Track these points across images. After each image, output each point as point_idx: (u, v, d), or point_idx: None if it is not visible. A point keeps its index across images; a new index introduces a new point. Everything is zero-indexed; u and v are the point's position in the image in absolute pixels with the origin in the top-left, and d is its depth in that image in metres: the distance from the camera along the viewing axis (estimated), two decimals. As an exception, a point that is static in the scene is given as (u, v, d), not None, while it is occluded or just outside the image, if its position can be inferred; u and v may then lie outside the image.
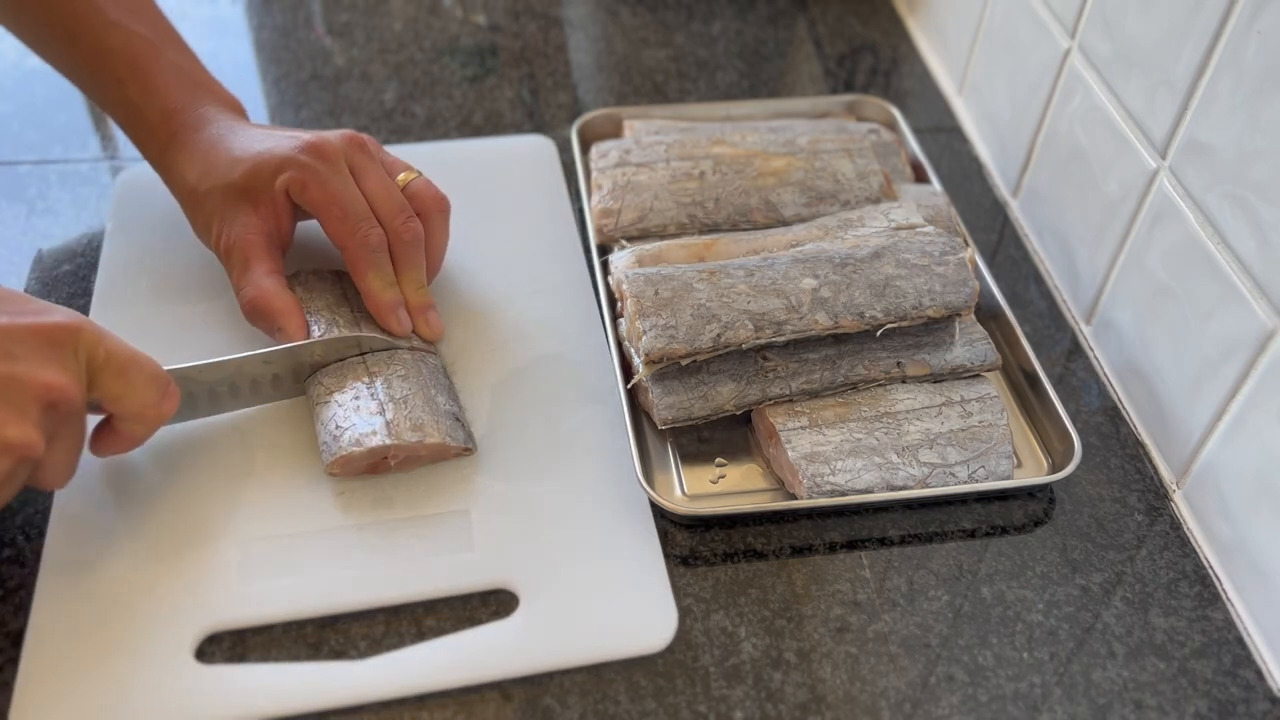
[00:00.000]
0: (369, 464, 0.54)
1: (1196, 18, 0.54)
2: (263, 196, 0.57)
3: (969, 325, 0.61)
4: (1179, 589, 0.54)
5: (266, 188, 0.56)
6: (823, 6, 0.93)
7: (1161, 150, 0.58)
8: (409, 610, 0.51)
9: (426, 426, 0.54)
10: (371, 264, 0.57)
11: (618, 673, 0.49)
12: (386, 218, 0.57)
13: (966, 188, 0.77)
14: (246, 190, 0.57)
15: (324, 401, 0.55)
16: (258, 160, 0.56)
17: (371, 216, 0.57)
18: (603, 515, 0.55)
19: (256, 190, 0.57)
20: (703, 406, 0.56)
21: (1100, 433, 0.61)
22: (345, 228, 0.56)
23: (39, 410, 0.43)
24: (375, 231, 0.57)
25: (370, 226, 0.57)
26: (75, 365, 0.45)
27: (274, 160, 0.56)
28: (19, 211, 0.69)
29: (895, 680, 0.50)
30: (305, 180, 0.56)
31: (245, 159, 0.57)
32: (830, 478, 0.54)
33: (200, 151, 0.58)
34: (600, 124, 0.75)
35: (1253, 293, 0.52)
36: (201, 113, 0.60)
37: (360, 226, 0.56)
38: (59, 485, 0.48)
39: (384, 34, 0.86)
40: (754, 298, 0.56)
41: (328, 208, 0.56)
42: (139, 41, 0.59)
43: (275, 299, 0.56)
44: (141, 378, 0.48)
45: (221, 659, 0.49)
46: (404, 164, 0.61)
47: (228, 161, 0.57)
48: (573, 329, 0.64)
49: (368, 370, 0.56)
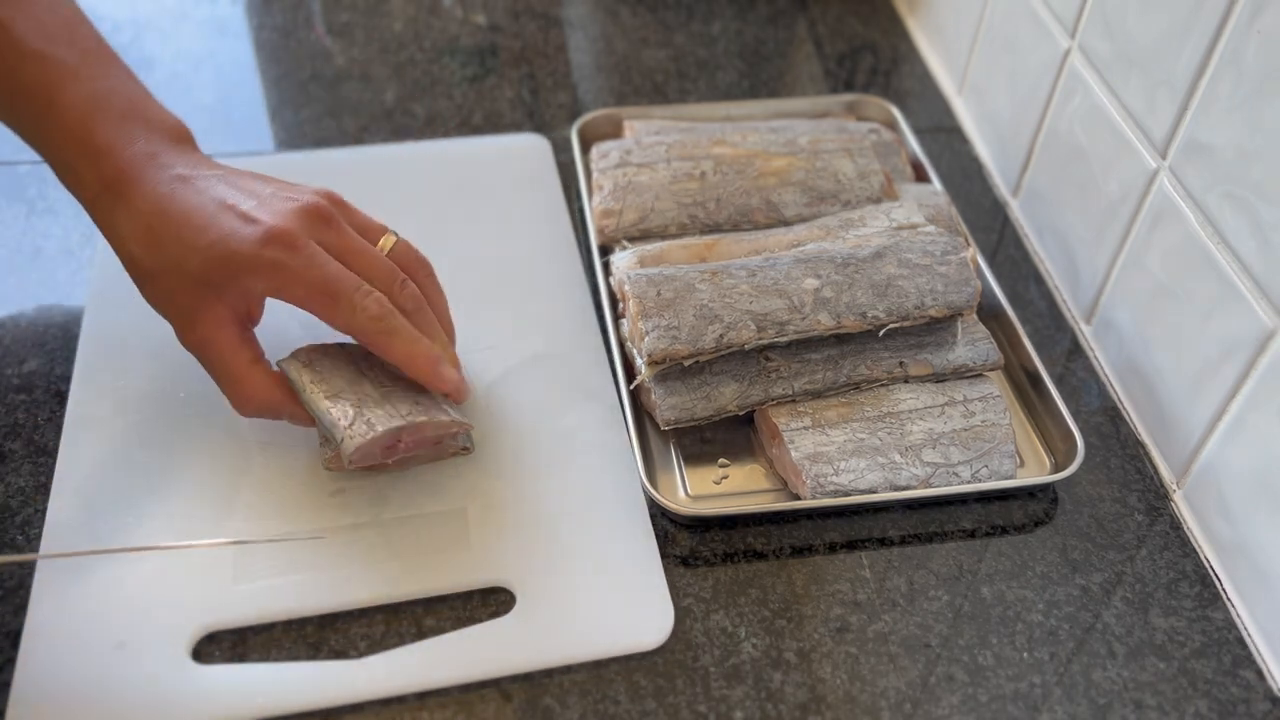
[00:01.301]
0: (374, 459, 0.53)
1: (1196, 18, 0.54)
2: (227, 291, 0.50)
3: (971, 325, 0.61)
4: (1179, 589, 0.54)
5: (232, 285, 0.50)
6: (823, 6, 0.93)
7: (1161, 150, 0.58)
8: (408, 609, 0.51)
9: (432, 409, 0.53)
10: (386, 331, 0.51)
11: (617, 673, 0.49)
12: (382, 291, 0.52)
13: (966, 188, 0.77)
14: (207, 283, 0.50)
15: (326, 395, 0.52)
16: (217, 255, 0.49)
17: (362, 284, 0.51)
18: (598, 513, 0.55)
19: (220, 285, 0.50)
20: (705, 407, 0.56)
21: (1100, 433, 0.61)
22: (339, 311, 0.50)
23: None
24: (373, 298, 0.51)
25: (365, 295, 0.50)
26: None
27: (236, 260, 0.49)
28: (19, 211, 0.69)
29: (895, 680, 0.50)
30: (280, 285, 0.50)
31: (200, 249, 0.49)
32: (834, 478, 0.54)
33: (140, 215, 0.50)
34: (600, 124, 0.75)
35: (1253, 293, 0.52)
36: (134, 153, 0.51)
37: (355, 300, 0.50)
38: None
39: (384, 34, 0.86)
40: (756, 298, 0.56)
41: (313, 300, 0.50)
42: (57, 70, 0.51)
43: (272, 397, 0.52)
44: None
45: (220, 659, 0.49)
46: (377, 225, 0.55)
47: (177, 243, 0.49)
48: (570, 328, 0.64)
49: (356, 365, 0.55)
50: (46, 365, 0.60)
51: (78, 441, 0.56)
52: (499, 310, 0.64)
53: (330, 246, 0.51)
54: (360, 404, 0.51)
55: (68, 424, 0.56)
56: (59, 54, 0.51)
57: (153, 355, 0.59)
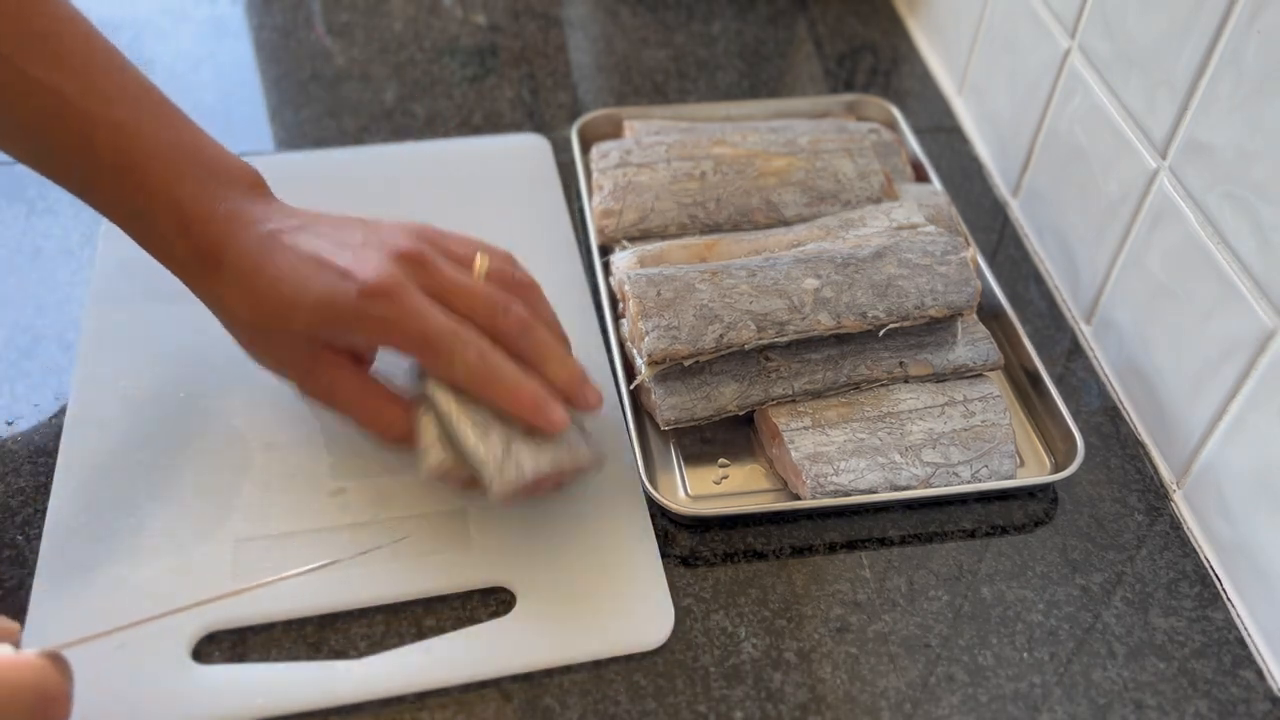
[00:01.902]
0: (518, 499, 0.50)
1: (1196, 18, 0.54)
2: (336, 343, 0.51)
3: (971, 325, 0.61)
4: (1179, 589, 0.54)
5: (339, 339, 0.51)
6: (823, 6, 0.93)
7: (1161, 150, 0.58)
8: (408, 609, 0.51)
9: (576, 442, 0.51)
10: (488, 379, 0.50)
11: (617, 673, 0.49)
12: (486, 324, 0.51)
13: (966, 188, 0.77)
14: (314, 338, 0.51)
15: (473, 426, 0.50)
16: (318, 314, 0.49)
17: (460, 332, 0.50)
18: (598, 512, 0.55)
19: (328, 336, 0.51)
20: (705, 407, 0.56)
21: (1100, 433, 0.61)
22: (440, 362, 0.50)
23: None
24: (472, 348, 0.50)
25: (464, 346, 0.49)
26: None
27: (341, 318, 0.49)
28: (19, 211, 0.69)
29: (895, 680, 0.50)
30: (381, 337, 0.50)
31: (305, 307, 0.49)
32: (834, 478, 0.54)
33: (239, 279, 0.50)
34: (600, 124, 0.75)
35: (1253, 293, 0.52)
36: (225, 218, 0.50)
37: (455, 351, 0.49)
38: None
39: (384, 34, 0.86)
40: (756, 298, 0.56)
41: (414, 349, 0.50)
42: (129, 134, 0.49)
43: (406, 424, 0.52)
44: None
45: (221, 659, 0.49)
46: (469, 246, 0.54)
47: (280, 302, 0.50)
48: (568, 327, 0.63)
49: None
50: (46, 365, 0.60)
51: (78, 441, 0.56)
52: (499, 310, 0.64)
53: (428, 288, 0.50)
54: (508, 440, 0.50)
55: (68, 424, 0.56)
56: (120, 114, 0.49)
57: (153, 355, 0.59)
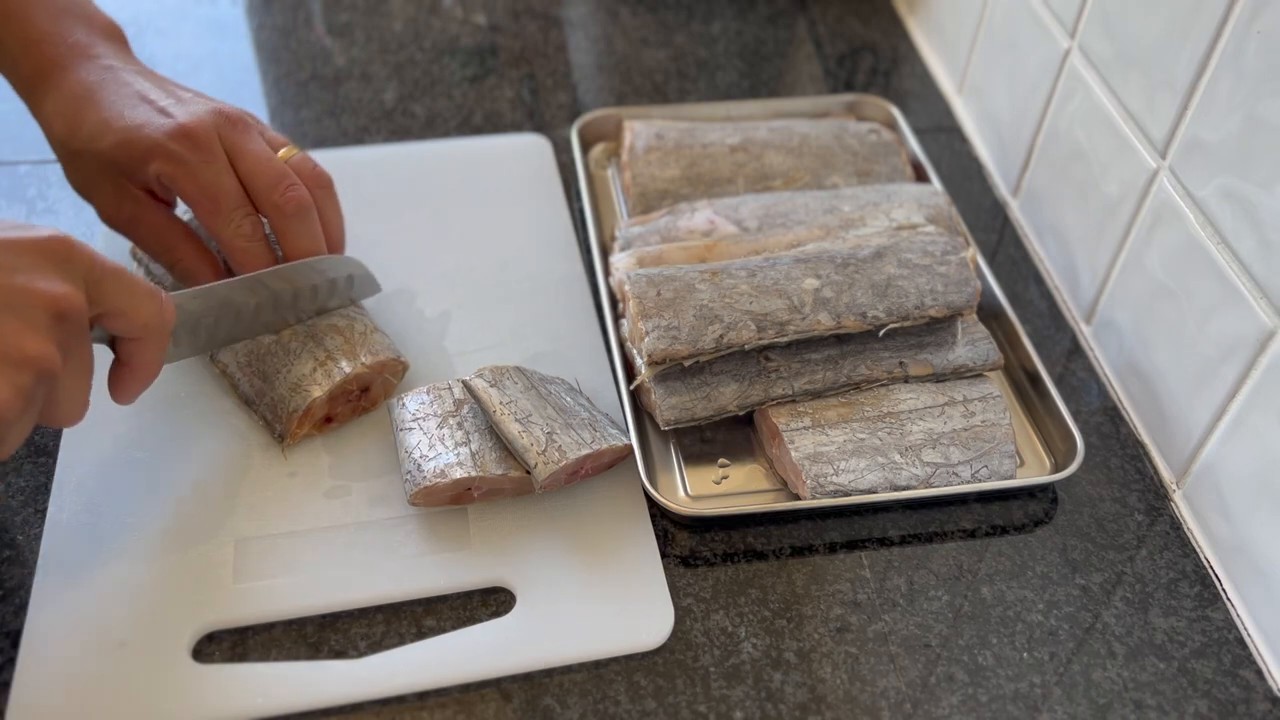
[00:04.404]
0: (452, 495, 0.53)
1: (1196, 18, 0.54)
2: (136, 176, 0.54)
3: (971, 325, 0.61)
4: (1179, 589, 0.54)
5: (138, 169, 0.54)
6: (823, 6, 0.93)
7: (1161, 150, 0.58)
8: (408, 609, 0.51)
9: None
10: (248, 254, 0.55)
11: (618, 673, 0.49)
12: (265, 190, 0.54)
13: (966, 188, 0.77)
14: (116, 164, 0.54)
15: (407, 428, 0.54)
16: (126, 136, 0.53)
17: (245, 205, 0.54)
18: (598, 512, 0.55)
19: (129, 168, 0.54)
20: (705, 407, 0.56)
21: (1100, 433, 0.61)
22: (218, 220, 0.54)
23: (49, 322, 0.42)
24: (249, 220, 0.54)
25: (244, 215, 0.54)
26: (74, 276, 0.43)
27: (142, 143, 0.53)
28: (19, 212, 0.69)
29: (895, 680, 0.50)
30: (174, 173, 0.53)
31: (114, 129, 0.53)
32: (834, 478, 0.54)
33: (67, 101, 0.54)
34: (600, 124, 0.75)
35: (1253, 293, 0.52)
36: (70, 45, 0.55)
37: (234, 216, 0.54)
38: (74, 418, 0.46)
39: (384, 34, 0.86)
40: (756, 298, 0.56)
41: (199, 201, 0.53)
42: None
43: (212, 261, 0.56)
44: (137, 286, 0.46)
45: (220, 658, 0.49)
46: (284, 140, 0.58)
47: (95, 123, 0.53)
48: (568, 327, 0.64)
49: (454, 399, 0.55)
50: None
51: (78, 441, 0.56)
52: (499, 310, 0.64)
53: (235, 146, 0.54)
54: (550, 430, 0.52)
55: (68, 424, 0.56)
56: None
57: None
